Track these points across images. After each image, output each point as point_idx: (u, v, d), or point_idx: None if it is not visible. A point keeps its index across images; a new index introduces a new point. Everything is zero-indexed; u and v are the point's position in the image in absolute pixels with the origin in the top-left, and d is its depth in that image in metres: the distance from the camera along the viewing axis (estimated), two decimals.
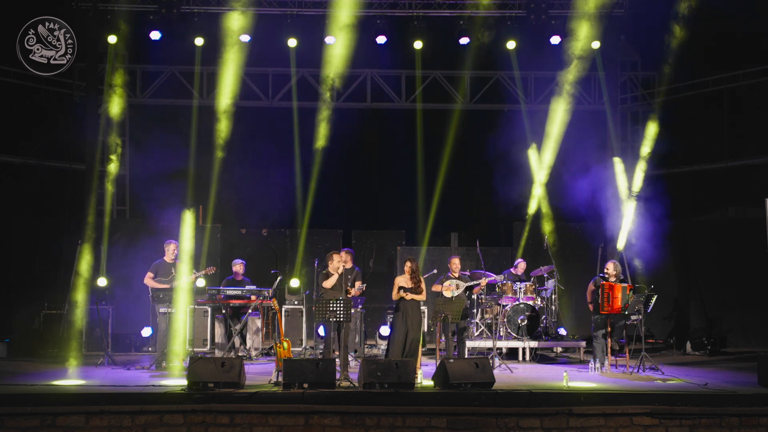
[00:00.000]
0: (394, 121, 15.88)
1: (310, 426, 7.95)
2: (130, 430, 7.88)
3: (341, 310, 9.73)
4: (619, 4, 14.46)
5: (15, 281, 14.09)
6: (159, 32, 14.29)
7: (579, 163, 14.51)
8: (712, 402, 8.46)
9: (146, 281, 11.36)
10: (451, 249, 14.72)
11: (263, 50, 14.86)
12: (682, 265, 14.84)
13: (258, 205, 15.44)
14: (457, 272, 11.23)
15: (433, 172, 14.88)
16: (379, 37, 14.61)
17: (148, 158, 14.78)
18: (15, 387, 9.12)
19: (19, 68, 13.26)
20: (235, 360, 9.35)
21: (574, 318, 14.22)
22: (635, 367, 10.81)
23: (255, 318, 12.49)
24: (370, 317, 14.34)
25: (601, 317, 11.03)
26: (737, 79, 14.90)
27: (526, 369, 11.53)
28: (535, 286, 12.84)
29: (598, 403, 8.29)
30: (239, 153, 15.41)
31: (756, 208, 12.59)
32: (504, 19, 14.56)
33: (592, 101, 15.98)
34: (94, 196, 13.97)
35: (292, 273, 14.49)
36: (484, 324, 12.62)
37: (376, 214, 16.12)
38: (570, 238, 15.09)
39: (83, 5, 13.98)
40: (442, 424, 7.94)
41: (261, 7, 14.22)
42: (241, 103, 14.94)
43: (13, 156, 14.69)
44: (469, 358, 10.49)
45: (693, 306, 14.73)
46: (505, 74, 15.87)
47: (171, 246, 11.52)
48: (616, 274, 11.16)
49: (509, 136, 14.75)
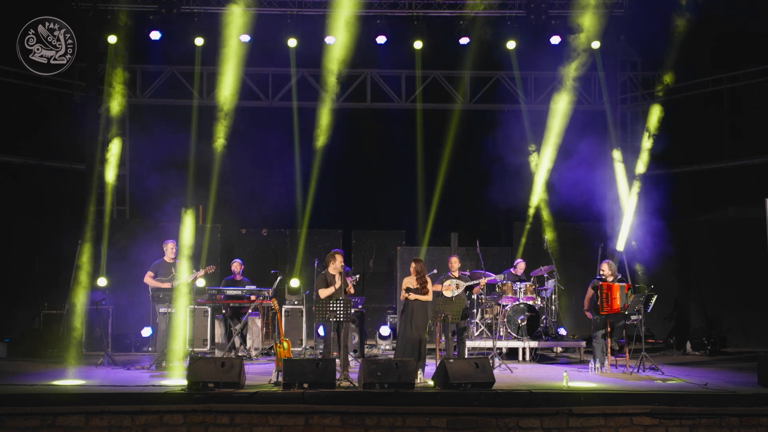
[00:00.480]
0: (394, 121, 15.88)
1: (310, 426, 7.95)
2: (130, 430, 7.88)
3: (341, 310, 9.73)
4: (619, 4, 14.47)
5: (15, 281, 14.09)
6: (159, 32, 14.30)
7: (579, 163, 14.50)
8: (712, 402, 8.46)
9: (146, 280, 11.35)
10: (451, 249, 14.71)
11: (263, 50, 14.87)
12: (682, 265, 14.84)
13: (258, 205, 15.45)
14: (457, 272, 11.22)
15: (433, 172, 14.88)
16: (379, 37, 14.62)
17: (148, 158, 14.79)
18: (15, 387, 9.11)
19: (19, 68, 13.26)
20: (235, 360, 9.34)
21: (574, 318, 14.22)
22: (635, 367, 10.81)
23: (255, 318, 12.49)
24: (370, 317, 14.34)
25: (601, 317, 11.03)
26: (737, 79, 14.91)
27: (526, 369, 11.52)
28: (535, 286, 12.84)
29: (598, 403, 8.29)
30: (239, 153, 15.41)
31: (756, 208, 12.59)
32: (504, 19, 14.56)
33: (592, 101, 15.98)
34: (94, 196, 13.98)
35: (292, 273, 14.49)
36: (484, 324, 12.61)
37: (376, 214, 16.12)
38: (570, 238, 15.09)
39: (83, 5, 13.98)
40: (442, 424, 7.94)
41: (261, 7, 14.22)
42: (241, 103, 14.95)
43: (13, 156, 14.69)
44: (469, 358, 10.49)
45: (693, 306, 14.73)
46: (505, 74, 15.87)
47: (169, 245, 11.52)
48: (611, 273, 11.17)
49: (509, 136, 14.75)
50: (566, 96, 14.45)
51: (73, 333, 12.56)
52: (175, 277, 11.32)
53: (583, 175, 14.36)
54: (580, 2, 13.96)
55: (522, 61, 15.20)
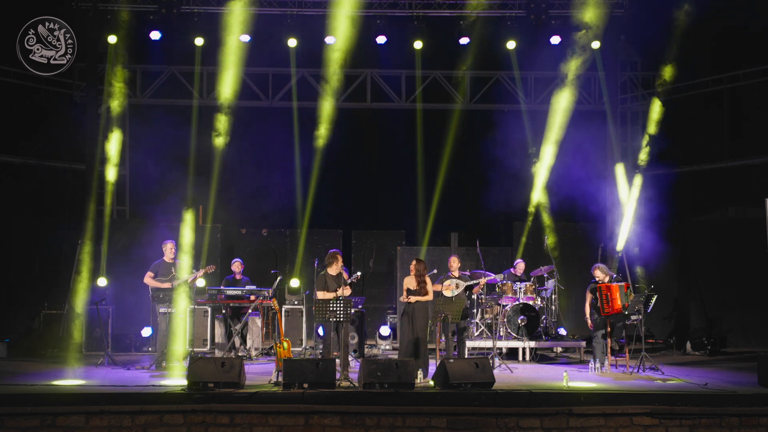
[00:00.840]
0: (394, 121, 15.88)
1: (310, 426, 7.95)
2: (130, 430, 7.88)
3: (341, 310, 9.73)
4: (619, 4, 14.47)
5: (15, 281, 14.10)
6: (159, 32, 14.29)
7: (579, 162, 14.51)
8: (712, 402, 8.46)
9: (146, 281, 11.35)
10: (451, 249, 14.72)
11: (263, 50, 14.87)
12: (682, 265, 14.84)
13: (258, 205, 15.45)
14: (457, 272, 11.22)
15: (433, 172, 14.88)
16: (379, 37, 14.62)
17: (148, 158, 14.79)
18: (15, 387, 9.11)
19: (19, 68, 13.26)
20: (235, 360, 9.34)
21: (574, 318, 14.21)
22: (635, 367, 10.81)
23: (255, 318, 12.49)
24: (370, 317, 14.34)
25: (601, 317, 11.03)
26: (737, 79, 14.90)
27: (526, 369, 11.52)
28: (535, 286, 12.84)
29: (598, 403, 8.29)
30: (239, 153, 15.41)
31: (756, 208, 12.59)
32: (504, 19, 14.56)
33: (592, 101, 15.98)
34: (94, 196, 13.98)
35: (292, 273, 14.49)
36: (484, 324, 12.61)
37: (376, 214, 16.12)
38: (570, 238, 15.09)
39: (83, 5, 13.98)
40: (442, 424, 7.95)
41: (261, 7, 14.22)
42: (241, 103, 14.95)
43: (13, 156, 14.69)
44: (469, 358, 10.48)
45: (693, 306, 14.73)
46: (505, 74, 15.87)
47: (169, 245, 11.52)
48: (605, 275, 11.17)
49: (509, 136, 14.75)
50: (566, 95, 14.44)
51: (73, 333, 12.57)
52: (175, 277, 11.32)
53: (583, 175, 14.37)
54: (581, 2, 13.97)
55: (522, 61, 15.19)
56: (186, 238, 12.45)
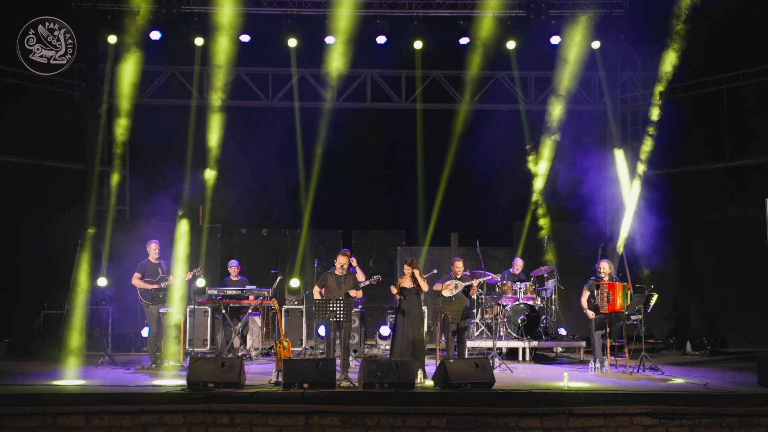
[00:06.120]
0: (394, 121, 15.87)
1: (310, 426, 7.95)
2: (130, 430, 7.89)
3: (341, 310, 9.73)
4: (619, 4, 14.45)
5: (15, 281, 14.09)
6: (159, 32, 14.28)
7: (579, 162, 14.51)
8: (712, 402, 8.47)
9: (134, 282, 11.37)
10: (451, 249, 14.72)
11: (263, 50, 14.86)
12: (683, 265, 14.84)
13: (258, 205, 15.44)
14: (460, 275, 11.24)
15: (433, 172, 14.87)
16: (379, 37, 14.59)
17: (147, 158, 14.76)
18: (15, 387, 9.12)
19: (19, 68, 13.25)
20: (235, 360, 9.35)
21: (574, 318, 14.21)
22: (635, 367, 10.81)
23: (255, 318, 12.48)
24: (370, 317, 14.34)
25: (601, 317, 11.03)
26: (737, 79, 14.89)
27: (526, 369, 11.53)
28: (535, 286, 12.84)
29: (598, 403, 8.29)
30: (239, 153, 15.40)
31: (756, 208, 12.59)
32: (504, 19, 14.54)
33: (592, 101, 15.98)
34: (94, 196, 13.98)
35: (292, 273, 14.49)
36: (484, 324, 12.62)
37: (376, 214, 16.11)
38: (570, 238, 15.09)
39: (83, 5, 13.95)
40: (442, 424, 7.95)
41: (261, 7, 14.22)
42: (241, 103, 14.94)
43: (13, 156, 14.68)
44: (469, 358, 10.48)
45: (693, 306, 14.73)
46: (505, 74, 15.85)
47: (152, 245, 11.52)
48: (610, 273, 11.16)
49: (509, 136, 14.74)
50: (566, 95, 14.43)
51: (73, 333, 12.56)
52: (164, 279, 11.33)
53: (583, 175, 14.36)
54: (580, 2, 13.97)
55: (522, 61, 15.18)
56: (183, 239, 12.44)
